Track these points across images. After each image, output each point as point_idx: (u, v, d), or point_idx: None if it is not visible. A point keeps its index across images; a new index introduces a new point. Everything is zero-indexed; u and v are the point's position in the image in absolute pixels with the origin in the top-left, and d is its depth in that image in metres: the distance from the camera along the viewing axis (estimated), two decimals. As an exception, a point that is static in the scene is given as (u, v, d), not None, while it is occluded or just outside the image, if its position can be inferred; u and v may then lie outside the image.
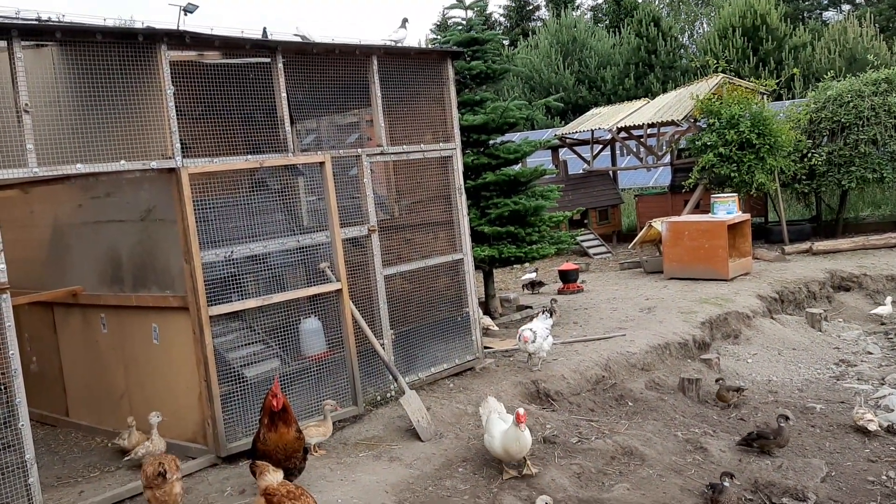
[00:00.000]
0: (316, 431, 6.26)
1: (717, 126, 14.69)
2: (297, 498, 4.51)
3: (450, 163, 8.21)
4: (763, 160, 14.22)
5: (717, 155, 14.49)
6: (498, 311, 11.08)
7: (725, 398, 8.01)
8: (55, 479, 6.34)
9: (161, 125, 6.00)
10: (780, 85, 19.04)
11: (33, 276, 7.72)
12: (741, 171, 14.30)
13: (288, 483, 4.68)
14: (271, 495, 4.52)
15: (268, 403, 5.48)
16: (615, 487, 6.02)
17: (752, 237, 13.43)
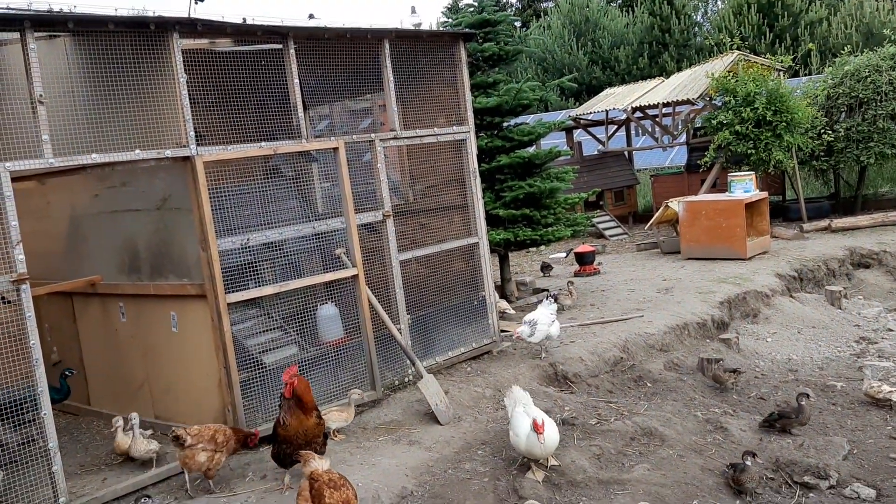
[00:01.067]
0: (338, 416, 6.29)
1: (732, 104, 14.53)
2: (338, 488, 4.58)
3: (463, 146, 8.18)
4: (780, 137, 14.07)
5: (733, 133, 14.35)
6: (514, 295, 11.06)
7: (722, 380, 7.85)
8: (78, 466, 6.41)
9: (175, 114, 6.00)
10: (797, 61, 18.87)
11: (52, 267, 7.77)
12: (758, 148, 14.16)
13: (332, 472, 4.75)
14: (315, 479, 4.64)
15: (285, 390, 5.51)
16: (635, 468, 6.01)
17: (769, 215, 13.31)
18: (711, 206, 12.56)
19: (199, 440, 5.51)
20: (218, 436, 5.59)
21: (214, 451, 5.53)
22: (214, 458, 5.53)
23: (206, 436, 5.55)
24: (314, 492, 4.57)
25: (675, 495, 5.58)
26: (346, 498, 4.54)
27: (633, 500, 5.47)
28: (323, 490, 4.53)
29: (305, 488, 4.69)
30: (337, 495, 4.52)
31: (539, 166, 10.62)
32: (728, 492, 5.73)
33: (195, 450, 5.49)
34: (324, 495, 4.50)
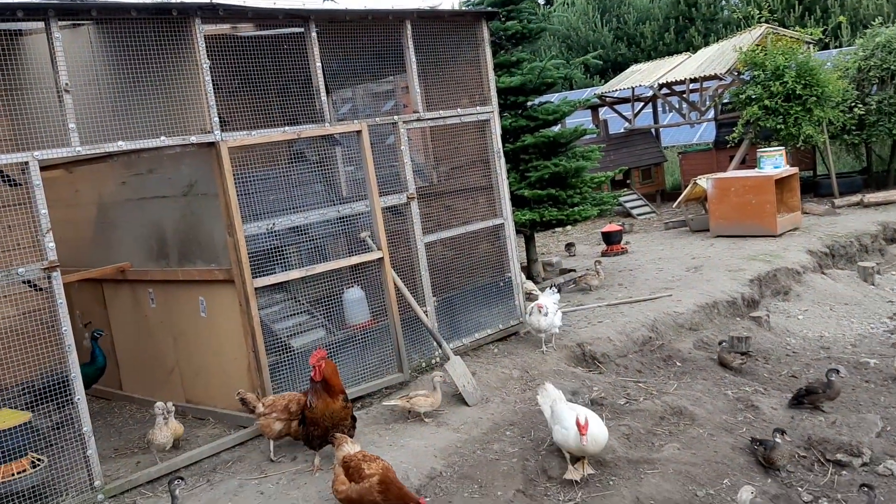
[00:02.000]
0: (424, 402, 6.31)
1: (761, 78, 14.29)
2: (373, 460, 4.76)
3: (487, 126, 8.12)
4: (810, 112, 13.81)
5: (762, 108, 14.11)
6: (540, 276, 11.02)
7: (727, 362, 7.70)
8: (112, 450, 6.51)
9: (199, 100, 6.02)
10: (827, 33, 18.45)
11: (81, 254, 7.87)
12: (788, 123, 13.91)
13: (364, 451, 4.92)
14: (348, 461, 4.78)
15: (313, 373, 5.53)
16: (665, 447, 5.98)
17: (800, 191, 13.11)
18: (741, 182, 12.39)
19: (273, 410, 5.74)
20: (291, 405, 5.74)
21: (289, 419, 5.71)
22: (291, 426, 5.72)
23: (279, 406, 5.76)
24: (352, 470, 4.71)
25: (706, 474, 5.55)
26: (384, 465, 4.72)
27: (663, 480, 5.45)
28: (360, 465, 4.70)
29: (340, 473, 4.78)
30: (374, 465, 4.69)
31: (564, 145, 10.53)
32: (759, 470, 5.69)
33: (269, 419, 5.74)
34: (362, 468, 4.67)
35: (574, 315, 9.01)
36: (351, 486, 4.69)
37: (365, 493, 4.62)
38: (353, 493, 4.66)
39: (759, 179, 12.19)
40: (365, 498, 4.63)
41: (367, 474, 4.65)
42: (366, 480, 4.63)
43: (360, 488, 4.63)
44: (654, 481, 5.44)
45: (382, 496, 4.61)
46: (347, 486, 4.70)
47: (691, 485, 5.42)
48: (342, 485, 4.74)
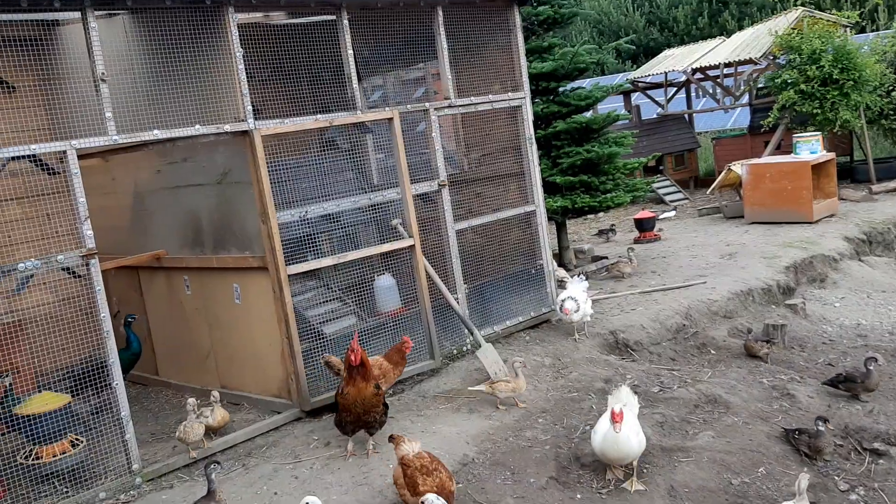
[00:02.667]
0: (506, 387, 6.27)
1: (797, 62, 14.03)
2: (430, 473, 4.61)
3: (519, 112, 8.08)
4: (847, 96, 13.54)
5: (798, 92, 13.86)
6: (572, 263, 10.97)
7: (754, 350, 7.53)
8: (149, 434, 6.62)
9: (232, 88, 6.06)
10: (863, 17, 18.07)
11: (118, 242, 7.98)
12: (824, 108, 13.66)
13: (423, 455, 4.78)
14: (406, 466, 4.70)
15: (347, 358, 5.56)
16: (699, 436, 5.93)
17: (837, 177, 12.88)
18: (776, 168, 12.21)
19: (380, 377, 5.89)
20: (374, 370, 5.84)
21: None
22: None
23: None
24: (407, 479, 4.62)
25: (741, 462, 5.49)
26: (439, 483, 4.55)
27: (697, 468, 5.41)
28: (416, 478, 4.57)
29: (400, 475, 4.73)
30: (430, 481, 4.54)
31: (596, 131, 10.45)
32: (795, 459, 5.62)
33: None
34: (417, 483, 4.55)
35: (607, 303, 8.96)
36: (407, 493, 4.62)
37: None
38: (409, 501, 4.62)
39: (795, 165, 12.01)
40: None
41: (419, 491, 4.49)
42: (418, 498, 4.47)
43: (414, 501, 4.55)
44: (688, 469, 5.40)
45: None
46: (405, 492, 4.65)
47: (726, 473, 5.38)
48: (402, 489, 4.68)
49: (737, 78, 17.10)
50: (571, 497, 5.14)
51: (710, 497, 5.13)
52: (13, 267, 5.07)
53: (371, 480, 5.23)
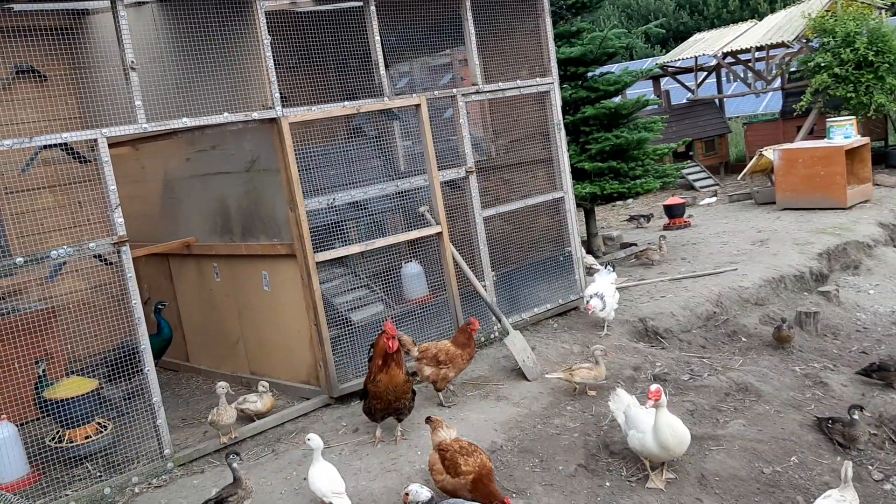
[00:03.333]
0: (587, 374, 6.26)
1: (831, 45, 13.77)
2: (470, 454, 4.66)
3: (547, 98, 8.01)
4: (882, 79, 13.28)
5: (831, 76, 13.62)
6: (601, 250, 10.90)
7: (788, 338, 7.38)
8: (180, 420, 6.69)
9: (260, 76, 6.07)
10: (901, -4, 17.62)
11: (148, 230, 8.06)
12: (858, 92, 13.41)
13: (461, 439, 4.84)
14: (445, 450, 4.74)
15: (382, 345, 5.54)
16: (730, 424, 5.87)
17: (871, 162, 12.65)
18: (809, 153, 12.01)
19: (425, 356, 6.14)
20: (440, 354, 6.09)
21: (437, 366, 6.08)
22: (440, 373, 6.07)
23: (430, 353, 6.13)
24: (447, 462, 4.65)
25: (773, 451, 5.43)
26: (481, 462, 4.61)
27: (728, 457, 5.35)
28: (457, 459, 4.62)
29: (437, 461, 4.75)
30: (472, 461, 4.60)
31: (625, 117, 10.34)
32: (828, 448, 5.54)
33: (421, 364, 6.14)
34: (458, 464, 4.59)
35: (636, 290, 8.89)
36: (446, 477, 4.66)
37: (459, 488, 4.60)
38: (447, 484, 4.66)
39: (829, 150, 11.80)
40: (458, 492, 4.62)
41: (462, 471, 4.57)
42: (461, 477, 4.57)
43: (454, 482, 4.60)
44: (719, 458, 5.35)
45: (472, 494, 4.57)
46: (443, 477, 4.67)
47: (757, 462, 5.32)
48: (439, 475, 4.71)
49: (768, 62, 16.84)
50: (600, 485, 5.12)
51: (741, 486, 5.08)
52: (46, 254, 5.13)
53: (399, 467, 5.24)
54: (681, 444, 5.00)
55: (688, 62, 18.33)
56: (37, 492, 5.20)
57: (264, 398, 6.20)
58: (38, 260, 5.12)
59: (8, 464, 5.24)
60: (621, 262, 10.46)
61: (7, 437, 5.28)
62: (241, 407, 6.13)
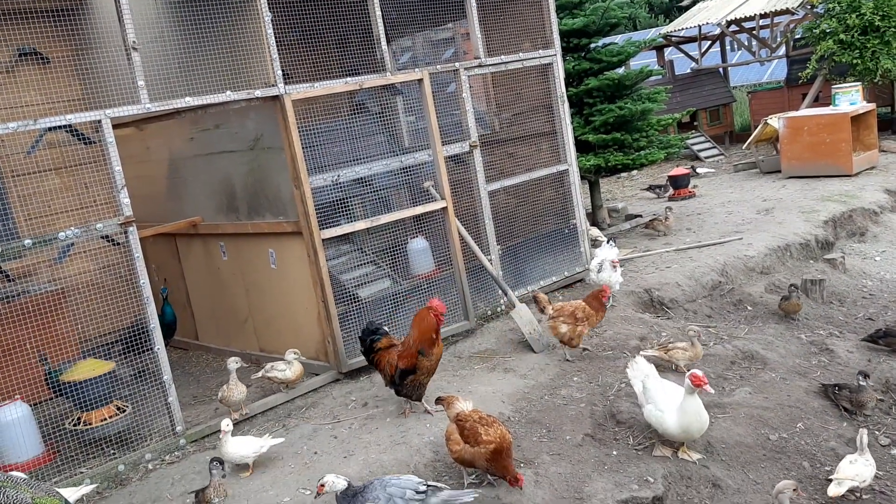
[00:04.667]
0: (682, 354, 6.16)
1: (836, 10, 13.63)
2: (490, 424, 4.68)
3: (550, 70, 7.98)
4: (889, 44, 13.13)
5: (837, 42, 13.49)
6: (606, 222, 10.89)
7: (797, 308, 7.32)
8: (191, 397, 6.77)
9: (262, 53, 6.06)
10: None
11: (155, 210, 8.09)
12: (864, 57, 13.28)
13: (478, 410, 4.87)
14: (463, 420, 4.75)
15: (431, 321, 5.52)
16: (736, 392, 5.92)
17: (877, 128, 12.56)
18: (814, 121, 11.93)
19: (560, 314, 6.39)
20: (577, 312, 6.36)
21: (574, 324, 6.33)
22: (576, 330, 6.32)
23: (566, 311, 6.39)
24: (467, 431, 4.66)
25: (779, 418, 5.48)
26: (501, 434, 4.63)
27: (734, 424, 5.40)
28: (477, 428, 4.63)
29: (454, 431, 4.76)
30: (492, 431, 4.62)
31: (629, 88, 10.29)
32: (834, 414, 5.58)
33: (557, 322, 6.39)
34: (479, 433, 4.60)
35: (641, 261, 8.90)
36: (465, 447, 4.65)
37: (476, 458, 4.61)
38: (465, 454, 4.67)
39: (834, 117, 11.73)
40: (475, 461, 4.64)
41: (483, 440, 4.57)
42: (482, 447, 4.57)
43: (473, 452, 4.60)
44: (725, 425, 5.39)
45: (489, 464, 4.60)
46: (461, 447, 4.67)
47: (763, 428, 5.36)
48: (455, 444, 4.70)
49: (773, 29, 16.68)
50: (607, 454, 5.17)
51: (747, 452, 5.13)
52: (54, 236, 5.17)
53: (409, 440, 5.30)
54: (702, 429, 4.94)
55: (691, 31, 18.18)
56: (52, 470, 5.28)
57: (293, 366, 6.21)
58: (46, 242, 5.16)
59: (22, 443, 5.32)
60: (626, 233, 10.47)
61: (21, 417, 5.35)
62: (269, 375, 6.20)
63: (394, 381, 5.59)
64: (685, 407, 4.84)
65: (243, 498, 4.85)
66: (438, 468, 5.06)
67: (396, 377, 5.56)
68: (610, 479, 4.76)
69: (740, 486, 4.82)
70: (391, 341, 5.75)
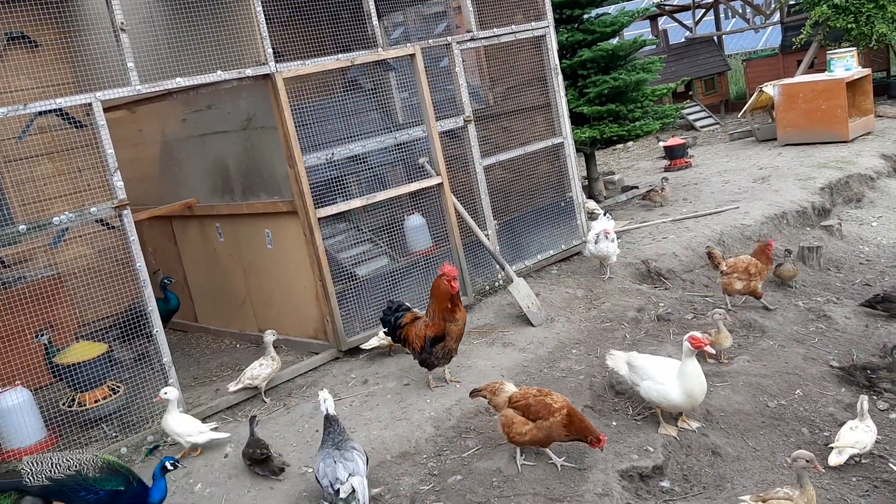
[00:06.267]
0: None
1: (830, -25, 13.52)
2: (548, 393, 4.62)
3: (543, 42, 7.92)
4: (883, 8, 13.04)
5: (831, 7, 13.39)
6: (602, 194, 10.88)
7: (792, 274, 7.27)
8: (192, 378, 6.78)
9: (252, 32, 6.01)
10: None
11: (150, 193, 8.06)
12: (859, 22, 13.19)
13: (528, 388, 4.79)
14: (520, 400, 4.62)
15: (445, 287, 5.54)
16: (734, 360, 5.94)
17: (873, 93, 12.52)
18: (809, 87, 11.89)
19: (734, 270, 6.64)
20: (751, 267, 6.62)
21: (748, 279, 6.60)
22: (750, 285, 6.59)
23: (740, 267, 6.64)
24: (533, 408, 4.53)
25: (777, 385, 5.50)
26: (562, 397, 4.61)
27: (732, 392, 5.43)
28: (543, 399, 4.54)
29: (513, 415, 4.61)
30: (556, 397, 4.58)
31: (623, 58, 10.23)
32: (833, 380, 5.60)
33: (731, 278, 6.64)
34: (548, 403, 4.52)
35: (638, 232, 8.90)
36: (536, 424, 4.51)
37: (553, 430, 4.49)
38: (539, 432, 4.52)
39: (829, 83, 11.68)
40: (552, 436, 4.52)
41: (555, 408, 4.47)
42: (556, 415, 4.46)
43: (548, 426, 4.48)
44: (724, 393, 5.42)
45: (567, 431, 4.49)
46: (529, 427, 4.53)
47: (762, 396, 5.39)
48: (522, 427, 4.55)
49: (767, -5, 16.59)
50: (607, 424, 5.20)
51: (746, 420, 5.16)
52: (48, 221, 5.16)
53: (409, 415, 5.33)
54: (703, 392, 4.91)
55: (685, 0, 18.05)
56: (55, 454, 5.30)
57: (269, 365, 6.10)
58: (41, 227, 5.15)
59: (24, 429, 5.33)
60: (623, 205, 10.46)
61: (22, 403, 5.36)
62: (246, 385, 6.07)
63: (423, 351, 5.63)
64: (686, 370, 4.83)
65: (246, 477, 4.88)
66: (440, 443, 5.09)
67: (427, 346, 5.59)
68: (610, 449, 4.78)
69: (739, 453, 4.85)
70: (415, 315, 5.80)
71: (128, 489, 4.21)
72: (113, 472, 4.21)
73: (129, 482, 4.25)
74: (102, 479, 4.15)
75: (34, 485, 4.09)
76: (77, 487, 4.10)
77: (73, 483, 4.10)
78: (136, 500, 4.26)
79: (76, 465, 4.15)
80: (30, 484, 4.09)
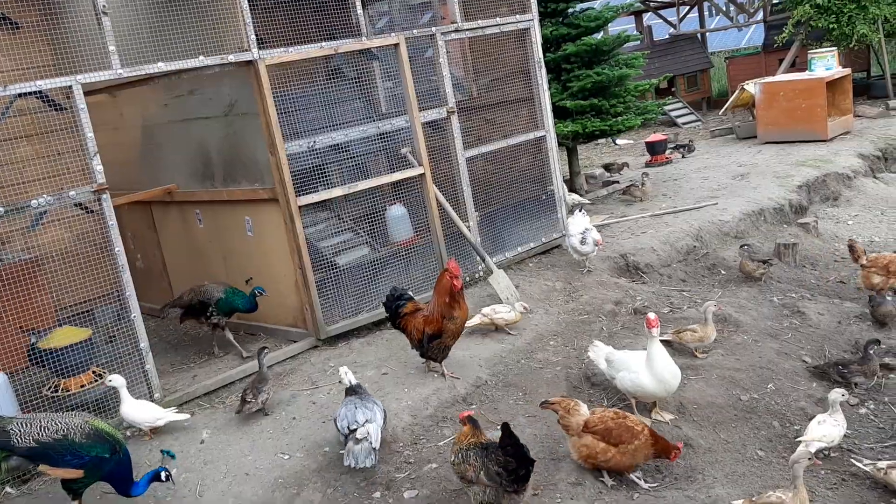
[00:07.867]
0: (692, 337, 5.96)
1: (813, -25, 13.63)
2: (624, 417, 4.48)
3: (527, 35, 7.94)
4: (865, 9, 13.18)
5: (814, 7, 13.51)
6: (584, 188, 10.93)
7: (749, 270, 7.34)
8: (169, 365, 6.76)
9: (235, 17, 5.99)
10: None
11: (129, 178, 8.00)
12: (841, 22, 13.32)
13: (602, 409, 4.59)
14: (598, 424, 4.43)
15: (447, 283, 5.55)
16: (709, 354, 6.01)
17: (853, 93, 12.66)
18: (790, 86, 12.00)
19: (874, 265, 6.79)
20: (891, 265, 6.71)
21: (887, 277, 6.72)
22: (888, 282, 6.72)
23: (881, 263, 6.78)
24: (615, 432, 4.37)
25: (750, 379, 5.58)
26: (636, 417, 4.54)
27: (706, 385, 5.50)
28: (624, 423, 4.40)
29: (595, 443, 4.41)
30: (634, 418, 4.48)
31: (607, 53, 10.27)
32: (805, 375, 5.69)
33: (870, 272, 6.79)
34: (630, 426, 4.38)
35: (617, 226, 8.97)
36: (620, 448, 4.36)
37: (639, 451, 4.36)
38: (625, 456, 4.37)
39: (810, 82, 11.80)
40: (637, 458, 4.40)
41: (637, 431, 4.34)
42: (639, 438, 4.34)
43: (633, 449, 4.35)
44: (698, 386, 5.49)
45: (654, 450, 4.38)
46: (614, 452, 4.37)
47: (735, 389, 5.47)
48: (606, 453, 4.39)
49: (751, -7, 16.70)
50: (583, 416, 5.25)
51: (719, 413, 5.23)
52: (26, 203, 5.13)
53: (387, 404, 5.34)
54: (674, 377, 4.98)
55: (670, -4, 18.16)
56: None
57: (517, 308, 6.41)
58: (18, 209, 5.12)
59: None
60: (604, 199, 10.52)
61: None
62: (492, 318, 6.33)
63: (421, 344, 5.66)
64: (652, 355, 4.94)
65: (221, 462, 4.90)
66: (416, 431, 5.13)
67: (424, 341, 5.62)
68: (585, 440, 4.83)
69: (711, 445, 4.92)
70: (416, 306, 5.81)
71: (112, 457, 4.29)
72: (100, 438, 4.27)
73: (115, 450, 4.32)
74: (88, 444, 4.22)
75: (21, 446, 4.17)
76: (63, 451, 4.18)
77: (59, 447, 4.18)
78: (119, 468, 4.34)
79: (64, 429, 4.22)
80: (17, 444, 4.16)
